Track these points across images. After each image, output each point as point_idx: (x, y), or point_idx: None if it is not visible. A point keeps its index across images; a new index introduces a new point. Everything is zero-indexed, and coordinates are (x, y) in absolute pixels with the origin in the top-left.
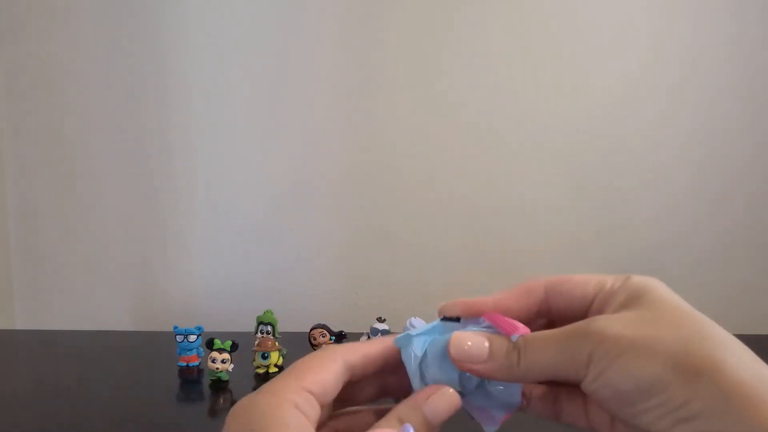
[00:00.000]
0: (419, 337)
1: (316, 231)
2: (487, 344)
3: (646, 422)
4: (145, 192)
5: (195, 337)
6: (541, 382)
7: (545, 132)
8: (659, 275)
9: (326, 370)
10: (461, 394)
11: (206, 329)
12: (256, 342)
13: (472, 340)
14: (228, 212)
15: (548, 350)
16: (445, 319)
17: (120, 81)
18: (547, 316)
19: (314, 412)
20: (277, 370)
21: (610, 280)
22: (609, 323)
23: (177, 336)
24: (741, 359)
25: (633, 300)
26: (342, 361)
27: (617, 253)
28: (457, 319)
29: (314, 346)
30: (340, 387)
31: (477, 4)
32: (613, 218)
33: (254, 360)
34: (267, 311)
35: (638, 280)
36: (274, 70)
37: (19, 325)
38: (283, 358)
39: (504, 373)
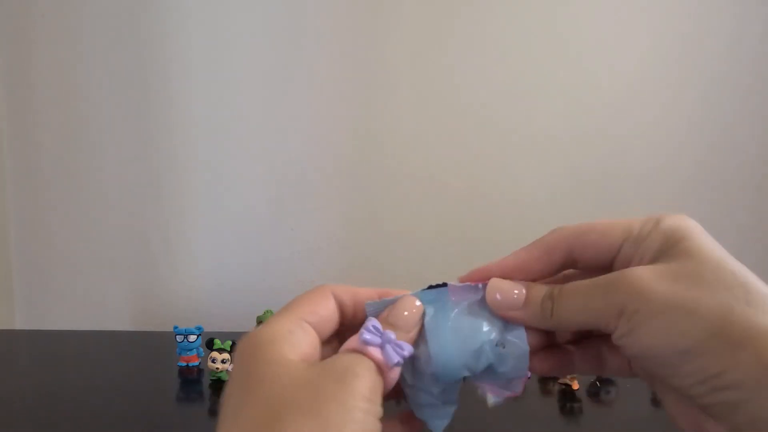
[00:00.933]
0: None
1: (316, 232)
2: (524, 291)
3: (680, 384)
4: (145, 192)
5: (195, 337)
6: (579, 331)
7: (545, 126)
8: None
9: (318, 302)
10: (470, 375)
11: (206, 329)
12: None
13: (509, 286)
14: (228, 212)
15: (580, 299)
16: (430, 287)
17: (121, 80)
18: (575, 267)
19: (311, 337)
20: None
21: (637, 225)
22: (645, 275)
23: (177, 336)
24: None
25: (670, 247)
26: (330, 293)
27: None
28: (444, 284)
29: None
30: (335, 320)
31: (479, 3)
32: (614, 213)
33: None
34: (267, 311)
35: (672, 222)
36: (274, 68)
37: (19, 325)
38: None
39: (538, 320)
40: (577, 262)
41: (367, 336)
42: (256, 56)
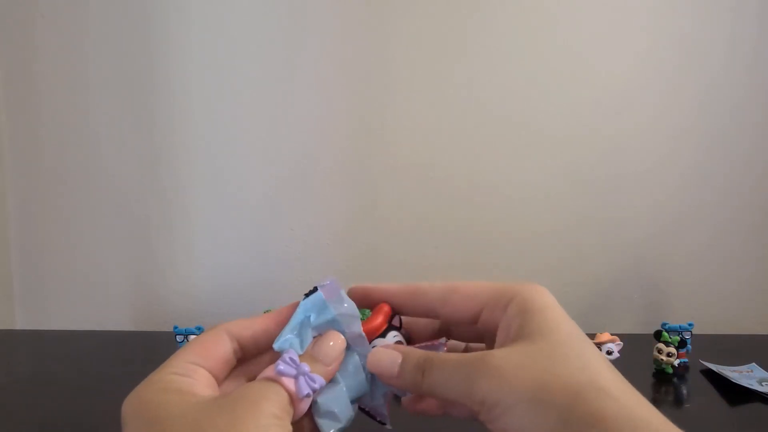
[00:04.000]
0: (291, 336)
1: (317, 231)
2: (398, 361)
3: None
4: (145, 192)
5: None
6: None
7: (545, 125)
8: (657, 269)
9: (209, 344)
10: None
11: (206, 329)
12: None
13: (385, 356)
14: (228, 212)
15: (446, 377)
16: (306, 294)
17: (121, 79)
18: (437, 317)
19: (205, 378)
20: None
21: (494, 297)
22: (502, 364)
23: (177, 336)
24: (632, 411)
25: (526, 322)
26: (226, 333)
27: (615, 244)
28: (315, 289)
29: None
30: (231, 359)
31: (480, 1)
32: (611, 209)
33: None
34: (267, 311)
35: (528, 295)
36: (275, 66)
37: (19, 325)
38: None
39: (412, 388)
40: (439, 315)
41: (282, 367)
42: (256, 54)
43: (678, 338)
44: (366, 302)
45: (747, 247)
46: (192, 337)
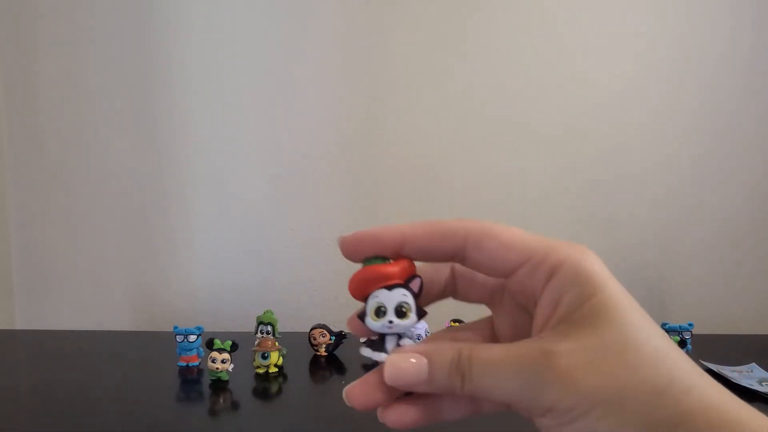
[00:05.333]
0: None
1: (316, 232)
2: (425, 364)
3: None
4: (145, 192)
5: (195, 337)
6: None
7: (544, 123)
8: (657, 269)
9: None
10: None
11: (206, 329)
12: (256, 342)
13: (407, 365)
14: (228, 213)
15: (497, 379)
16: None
17: (121, 79)
18: (463, 262)
19: None
20: (276, 370)
21: (540, 253)
22: (572, 364)
23: (177, 336)
24: (719, 408)
25: (583, 302)
26: None
27: (615, 243)
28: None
29: (314, 346)
30: None
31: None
32: (611, 209)
33: (254, 360)
34: (267, 311)
35: (577, 262)
36: (275, 66)
37: (19, 325)
38: (283, 358)
39: (450, 392)
40: (467, 260)
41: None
42: (257, 54)
43: (678, 338)
44: (378, 249)
45: (747, 247)
46: (192, 337)
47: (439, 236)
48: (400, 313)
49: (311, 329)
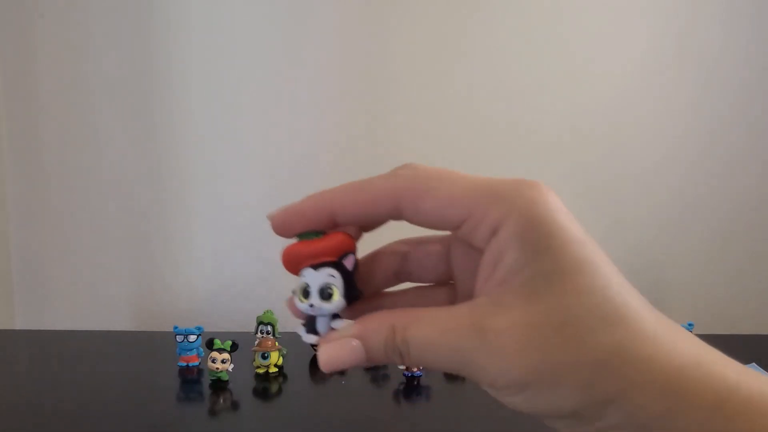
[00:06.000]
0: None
1: None
2: (361, 348)
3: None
4: (145, 192)
5: (195, 337)
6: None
7: (544, 123)
8: (657, 269)
9: None
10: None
11: (206, 329)
12: (256, 342)
13: (339, 351)
14: (228, 212)
15: (437, 358)
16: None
17: (121, 79)
18: (400, 219)
19: None
20: (276, 370)
21: (479, 208)
22: (507, 342)
23: (177, 336)
24: (664, 368)
25: (527, 264)
26: None
27: (615, 244)
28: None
29: (314, 346)
30: None
31: (479, 1)
32: (611, 209)
33: (254, 360)
34: (267, 311)
35: (527, 219)
36: (275, 68)
37: (19, 325)
38: (283, 358)
39: (392, 362)
40: (403, 216)
41: None
42: (257, 54)
43: None
44: (306, 223)
45: (747, 247)
46: (192, 337)
47: (370, 202)
48: (325, 295)
49: None
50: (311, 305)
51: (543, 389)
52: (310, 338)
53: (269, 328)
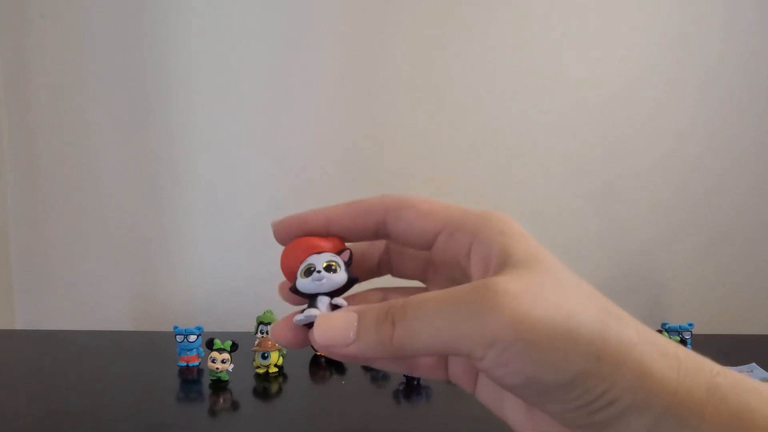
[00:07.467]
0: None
1: None
2: (355, 318)
3: (555, 410)
4: (145, 192)
5: (195, 337)
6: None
7: (543, 124)
8: (657, 269)
9: None
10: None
11: (206, 329)
12: (256, 342)
13: (340, 321)
14: (228, 212)
15: (433, 320)
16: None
17: (121, 80)
18: (387, 237)
19: None
20: (276, 370)
21: (454, 219)
22: (516, 292)
23: (177, 336)
24: (649, 336)
25: (513, 252)
26: None
27: (615, 244)
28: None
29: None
30: None
31: (477, 4)
32: (611, 210)
33: (254, 360)
34: (267, 311)
35: (504, 224)
36: (275, 70)
37: (19, 325)
38: (283, 358)
39: (377, 350)
40: (390, 235)
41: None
42: (257, 57)
43: (678, 338)
44: (306, 231)
45: (747, 247)
46: (192, 337)
47: (362, 213)
48: (331, 269)
49: None
50: (319, 272)
51: (562, 344)
52: (311, 311)
53: (269, 328)
